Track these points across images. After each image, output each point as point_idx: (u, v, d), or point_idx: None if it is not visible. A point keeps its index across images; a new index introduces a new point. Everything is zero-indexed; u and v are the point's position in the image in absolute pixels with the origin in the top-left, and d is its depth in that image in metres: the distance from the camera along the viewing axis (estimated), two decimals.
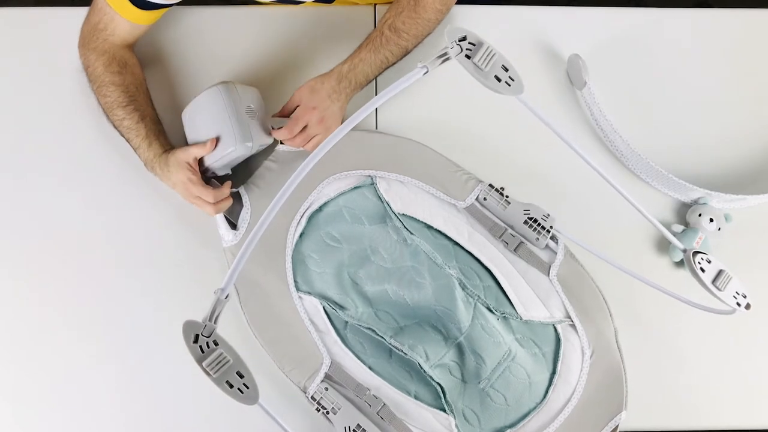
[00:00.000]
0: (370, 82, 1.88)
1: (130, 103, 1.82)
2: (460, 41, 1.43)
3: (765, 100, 2.00)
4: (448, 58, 1.43)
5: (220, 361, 1.33)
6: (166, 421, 1.85)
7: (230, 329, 1.41)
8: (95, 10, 1.83)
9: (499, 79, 1.45)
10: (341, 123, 1.80)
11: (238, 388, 1.35)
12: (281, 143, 1.88)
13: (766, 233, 1.93)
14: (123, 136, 1.83)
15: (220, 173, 1.85)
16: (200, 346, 1.32)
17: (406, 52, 1.89)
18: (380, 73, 1.88)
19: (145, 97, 1.88)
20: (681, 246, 1.69)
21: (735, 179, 1.96)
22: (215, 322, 1.32)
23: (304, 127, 1.81)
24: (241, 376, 1.36)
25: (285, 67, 2.00)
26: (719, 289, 1.64)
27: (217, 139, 1.74)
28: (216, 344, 1.33)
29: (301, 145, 1.83)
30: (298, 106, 1.82)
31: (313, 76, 1.83)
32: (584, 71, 1.90)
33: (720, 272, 1.65)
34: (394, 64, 1.89)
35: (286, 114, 1.86)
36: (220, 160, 1.77)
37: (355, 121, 1.30)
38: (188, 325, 1.32)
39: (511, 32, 2.02)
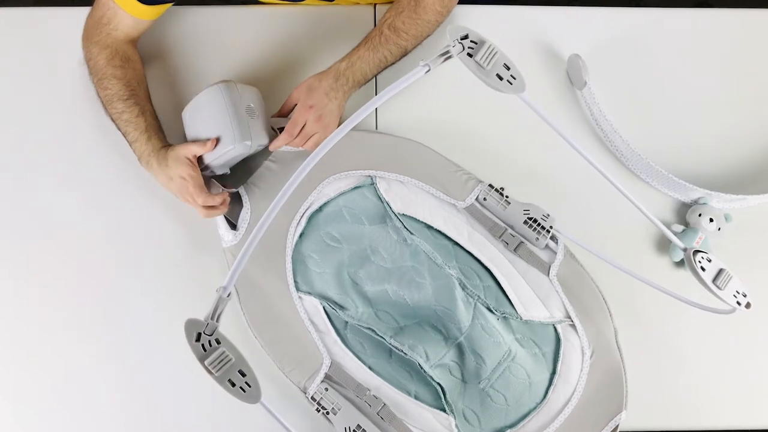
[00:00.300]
0: (369, 80, 1.91)
1: (130, 96, 1.86)
2: (462, 39, 1.46)
3: (765, 100, 2.03)
4: (450, 56, 1.46)
5: (222, 360, 1.36)
6: (166, 420, 1.88)
7: (230, 330, 1.43)
8: (99, 5, 1.88)
9: (500, 78, 1.48)
10: (339, 121, 1.86)
11: (240, 387, 1.38)
12: None
13: (766, 233, 1.96)
14: (120, 129, 1.87)
15: (219, 172, 1.89)
16: (202, 345, 1.35)
17: (405, 53, 1.93)
18: (379, 73, 1.92)
19: (145, 93, 1.93)
20: (681, 245, 1.73)
21: (735, 179, 1.99)
22: (217, 321, 1.35)
23: (303, 126, 1.83)
24: (243, 375, 1.39)
25: (285, 67, 2.04)
26: (719, 288, 1.67)
27: (217, 138, 1.77)
28: (218, 342, 1.37)
29: (300, 145, 1.85)
30: (296, 104, 1.85)
31: (312, 74, 1.86)
32: (584, 71, 1.94)
33: (720, 271, 1.68)
34: (393, 64, 1.92)
35: (284, 113, 1.89)
36: (219, 158, 1.81)
37: (356, 121, 1.32)
38: (190, 324, 1.35)
39: (511, 32, 2.06)
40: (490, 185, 1.92)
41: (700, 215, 1.91)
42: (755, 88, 2.03)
